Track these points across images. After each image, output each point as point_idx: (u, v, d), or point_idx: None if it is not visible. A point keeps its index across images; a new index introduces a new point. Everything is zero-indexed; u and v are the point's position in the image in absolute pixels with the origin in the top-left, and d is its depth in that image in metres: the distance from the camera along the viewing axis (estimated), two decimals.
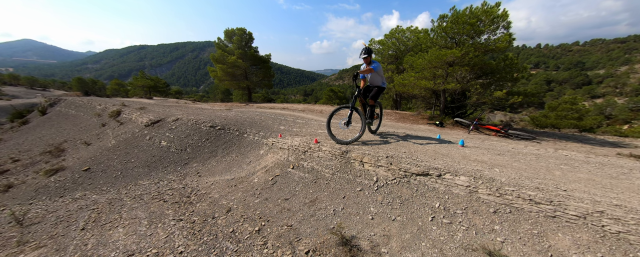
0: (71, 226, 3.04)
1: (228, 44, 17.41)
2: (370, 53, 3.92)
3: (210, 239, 2.62)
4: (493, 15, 7.16)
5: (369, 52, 3.89)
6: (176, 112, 7.92)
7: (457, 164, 3.04)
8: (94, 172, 5.27)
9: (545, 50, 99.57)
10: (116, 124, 7.98)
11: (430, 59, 7.71)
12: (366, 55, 3.89)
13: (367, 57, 3.90)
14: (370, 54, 3.92)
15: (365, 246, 2.34)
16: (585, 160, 3.79)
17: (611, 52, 79.13)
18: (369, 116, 4.19)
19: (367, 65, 3.98)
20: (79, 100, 11.63)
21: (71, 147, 7.16)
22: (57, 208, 3.66)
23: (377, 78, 4.08)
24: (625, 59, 70.67)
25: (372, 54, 4.01)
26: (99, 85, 20.42)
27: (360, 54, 3.95)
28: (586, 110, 13.21)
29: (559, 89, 59.39)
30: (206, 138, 5.81)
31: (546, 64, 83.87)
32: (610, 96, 52.07)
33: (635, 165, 3.64)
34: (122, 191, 4.13)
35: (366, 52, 3.89)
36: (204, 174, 4.55)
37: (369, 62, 3.95)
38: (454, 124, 7.88)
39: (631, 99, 40.46)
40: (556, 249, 1.98)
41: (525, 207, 2.31)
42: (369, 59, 3.93)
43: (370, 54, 3.92)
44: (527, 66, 8.17)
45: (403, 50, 13.29)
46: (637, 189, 2.53)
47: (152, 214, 3.19)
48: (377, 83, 4.13)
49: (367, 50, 3.89)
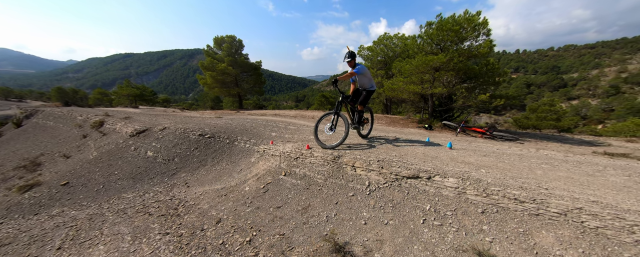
0: (46, 245, 2.84)
1: (217, 52, 17.32)
2: (354, 57, 3.94)
3: (198, 252, 2.52)
4: (475, 23, 7.57)
5: (352, 56, 3.91)
6: (163, 121, 7.70)
7: (445, 166, 3.12)
8: (74, 186, 4.98)
9: (524, 55, 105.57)
10: (99, 135, 7.63)
11: (417, 65, 7.98)
12: (350, 59, 3.91)
13: (350, 61, 3.92)
14: (354, 57, 3.94)
15: (358, 252, 2.32)
16: (564, 159, 3.99)
17: (583, 57, 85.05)
18: (357, 121, 4.16)
19: (351, 69, 4.00)
20: (59, 111, 11.09)
21: (48, 160, 6.75)
22: (31, 227, 3.41)
23: (364, 80, 4.09)
24: (595, 63, 76.08)
25: (356, 57, 4.02)
26: (80, 95, 19.60)
27: (344, 58, 3.98)
28: (563, 111, 13.99)
29: (538, 91, 62.77)
30: (195, 147, 5.66)
31: (525, 69, 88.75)
32: (585, 98, 55.56)
33: (609, 162, 3.87)
34: (104, 206, 3.92)
35: (349, 56, 3.92)
36: (192, 185, 4.40)
37: (352, 66, 3.97)
38: (442, 127, 8.11)
39: (603, 100, 43.30)
40: (541, 247, 2.04)
41: (510, 207, 2.39)
42: (352, 63, 3.95)
43: (354, 58, 3.94)
44: (507, 71, 8.61)
45: (391, 56, 13.71)
46: (612, 186, 2.68)
47: (136, 228, 3.03)
48: (365, 86, 4.14)
49: (351, 54, 3.92)
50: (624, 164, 3.73)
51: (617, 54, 77.10)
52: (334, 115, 3.88)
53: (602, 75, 66.83)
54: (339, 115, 3.85)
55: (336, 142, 3.91)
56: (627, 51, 77.44)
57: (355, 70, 3.85)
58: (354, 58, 3.93)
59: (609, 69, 69.35)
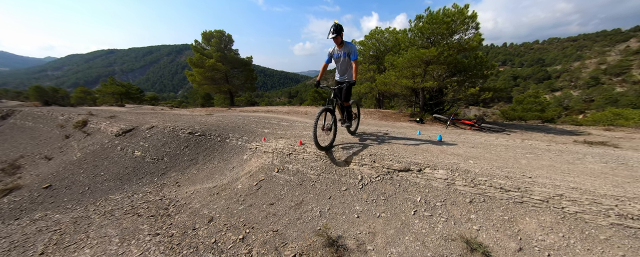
0: (28, 251, 2.72)
1: (206, 47, 16.79)
2: (341, 31, 3.12)
3: (190, 252, 2.49)
4: (464, 16, 7.63)
5: (338, 31, 3.10)
6: (151, 120, 7.45)
7: (435, 159, 3.18)
8: (57, 189, 4.78)
9: (511, 48, 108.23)
10: (82, 135, 7.32)
11: (410, 58, 8.01)
12: (335, 35, 3.12)
13: (336, 36, 3.15)
14: (341, 32, 3.13)
15: (351, 245, 2.36)
16: (547, 148, 4.15)
17: (565, 50, 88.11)
18: (347, 118, 3.81)
19: (337, 47, 3.27)
20: (38, 111, 10.52)
21: (29, 163, 6.43)
22: (11, 232, 3.26)
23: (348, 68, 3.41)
24: (577, 56, 79.02)
25: (343, 31, 3.16)
26: (61, 94, 18.64)
27: (328, 34, 3.15)
28: (547, 103, 14.53)
29: (524, 84, 64.83)
30: (185, 145, 5.53)
31: (512, 62, 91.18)
32: (567, 89, 57.88)
33: (588, 150, 4.05)
34: (90, 208, 3.79)
35: (335, 30, 3.08)
36: (183, 184, 4.31)
37: (339, 43, 3.25)
38: (433, 120, 8.26)
39: (584, 91, 45.21)
40: (525, 232, 2.13)
41: (496, 196, 2.47)
42: (339, 39, 3.21)
43: (341, 33, 3.14)
44: (495, 64, 8.80)
45: (383, 50, 13.70)
46: (590, 173, 2.82)
47: (124, 230, 2.95)
48: (345, 72, 3.48)
49: (337, 28, 3.08)
50: (602, 152, 3.92)
51: (598, 47, 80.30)
52: (327, 113, 3.49)
53: (583, 67, 69.63)
54: (332, 113, 3.51)
55: (327, 143, 3.59)
56: (606, 43, 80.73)
57: (355, 57, 3.21)
58: (341, 33, 3.14)
59: (589, 61, 72.26)
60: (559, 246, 1.97)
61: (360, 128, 5.49)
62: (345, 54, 3.38)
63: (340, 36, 3.19)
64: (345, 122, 3.89)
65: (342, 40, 3.27)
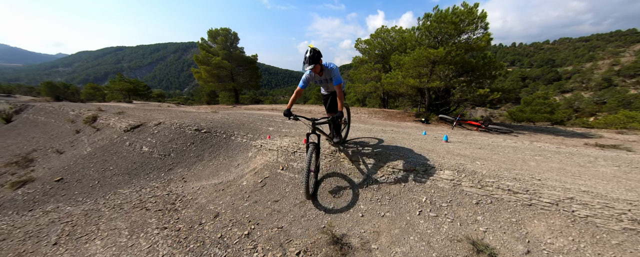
0: (42, 241, 2.82)
1: (212, 45, 16.94)
2: (318, 59, 2.62)
3: (197, 246, 2.53)
4: (474, 16, 7.50)
5: (315, 60, 2.59)
6: (158, 116, 7.58)
7: (441, 159, 3.15)
8: (68, 182, 4.92)
9: (520, 48, 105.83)
10: (92, 130, 7.49)
11: (416, 57, 7.93)
12: (312, 65, 2.60)
13: (316, 65, 2.64)
14: (318, 60, 2.63)
15: (355, 244, 2.36)
16: (557, 150, 4.07)
17: (577, 50, 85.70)
18: (335, 131, 3.37)
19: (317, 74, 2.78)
20: (50, 106, 10.81)
21: (41, 156, 6.63)
22: (26, 223, 3.38)
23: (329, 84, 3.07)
24: (589, 56, 76.77)
25: (321, 56, 2.68)
26: (71, 90, 19.12)
27: (304, 64, 2.63)
28: (557, 104, 14.19)
29: (533, 85, 63.40)
30: (191, 142, 5.61)
31: (521, 62, 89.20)
32: (578, 91, 56.34)
33: (600, 154, 3.95)
34: (100, 201, 3.89)
35: (311, 60, 2.58)
36: (189, 180, 4.38)
37: (319, 71, 2.76)
38: (438, 121, 8.16)
39: (596, 93, 43.96)
40: (533, 235, 2.10)
41: (504, 197, 2.44)
42: (318, 68, 2.72)
43: (319, 61, 2.64)
44: (503, 64, 8.63)
45: (389, 49, 13.58)
46: (602, 176, 2.75)
47: (133, 223, 3.02)
48: (330, 89, 3.20)
49: (313, 57, 2.58)
50: (614, 155, 3.82)
51: (611, 47, 77.82)
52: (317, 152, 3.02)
53: (595, 68, 67.61)
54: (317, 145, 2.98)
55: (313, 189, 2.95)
56: (620, 44, 78.19)
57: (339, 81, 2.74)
58: (319, 60, 2.67)
59: (602, 62, 70.12)
60: (569, 250, 1.93)
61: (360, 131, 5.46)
62: (327, 80, 2.98)
63: (318, 64, 2.67)
64: (335, 137, 3.35)
65: (322, 67, 2.76)
